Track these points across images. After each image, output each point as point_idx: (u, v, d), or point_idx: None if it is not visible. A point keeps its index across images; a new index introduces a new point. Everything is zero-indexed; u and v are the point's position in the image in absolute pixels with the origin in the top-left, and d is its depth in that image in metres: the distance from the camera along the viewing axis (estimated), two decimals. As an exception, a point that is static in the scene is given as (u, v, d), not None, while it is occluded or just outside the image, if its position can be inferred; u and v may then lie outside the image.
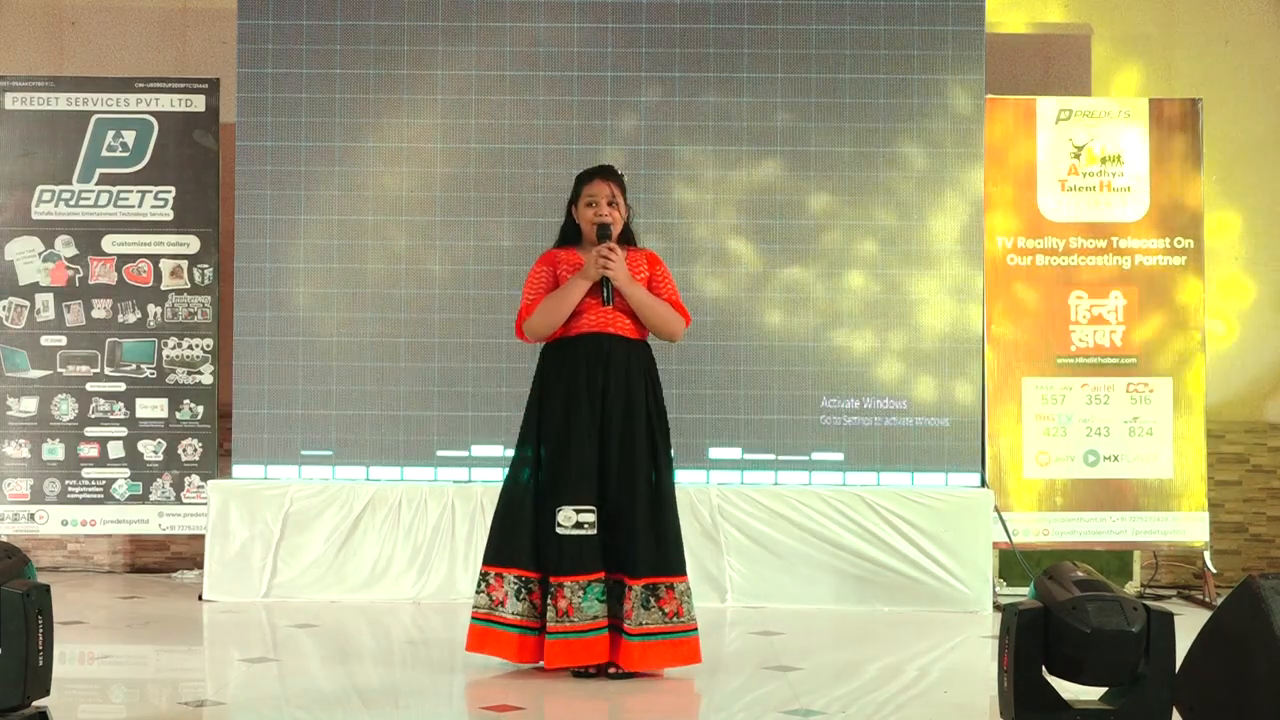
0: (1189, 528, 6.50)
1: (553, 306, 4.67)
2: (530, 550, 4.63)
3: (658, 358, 4.83)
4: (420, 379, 6.47)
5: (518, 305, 4.81)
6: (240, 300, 6.53)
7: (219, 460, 6.77)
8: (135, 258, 6.82)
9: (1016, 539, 6.39)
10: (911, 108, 6.48)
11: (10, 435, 6.76)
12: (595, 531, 4.57)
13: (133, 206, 6.82)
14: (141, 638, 5.51)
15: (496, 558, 4.68)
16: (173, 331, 6.81)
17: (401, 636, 5.51)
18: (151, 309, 6.81)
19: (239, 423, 6.48)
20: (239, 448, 6.48)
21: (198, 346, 6.81)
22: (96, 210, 6.82)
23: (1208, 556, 6.59)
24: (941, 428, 6.43)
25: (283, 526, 6.29)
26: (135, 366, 6.80)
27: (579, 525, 4.55)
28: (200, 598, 6.30)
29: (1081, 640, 3.41)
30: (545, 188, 6.39)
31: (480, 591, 4.69)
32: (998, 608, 5.96)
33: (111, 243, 6.82)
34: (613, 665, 4.59)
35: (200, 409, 6.79)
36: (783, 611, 6.10)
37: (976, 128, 6.49)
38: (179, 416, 6.79)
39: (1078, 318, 6.58)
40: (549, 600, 4.54)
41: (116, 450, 6.77)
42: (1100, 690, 3.62)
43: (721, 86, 6.50)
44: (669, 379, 5.24)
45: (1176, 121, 6.62)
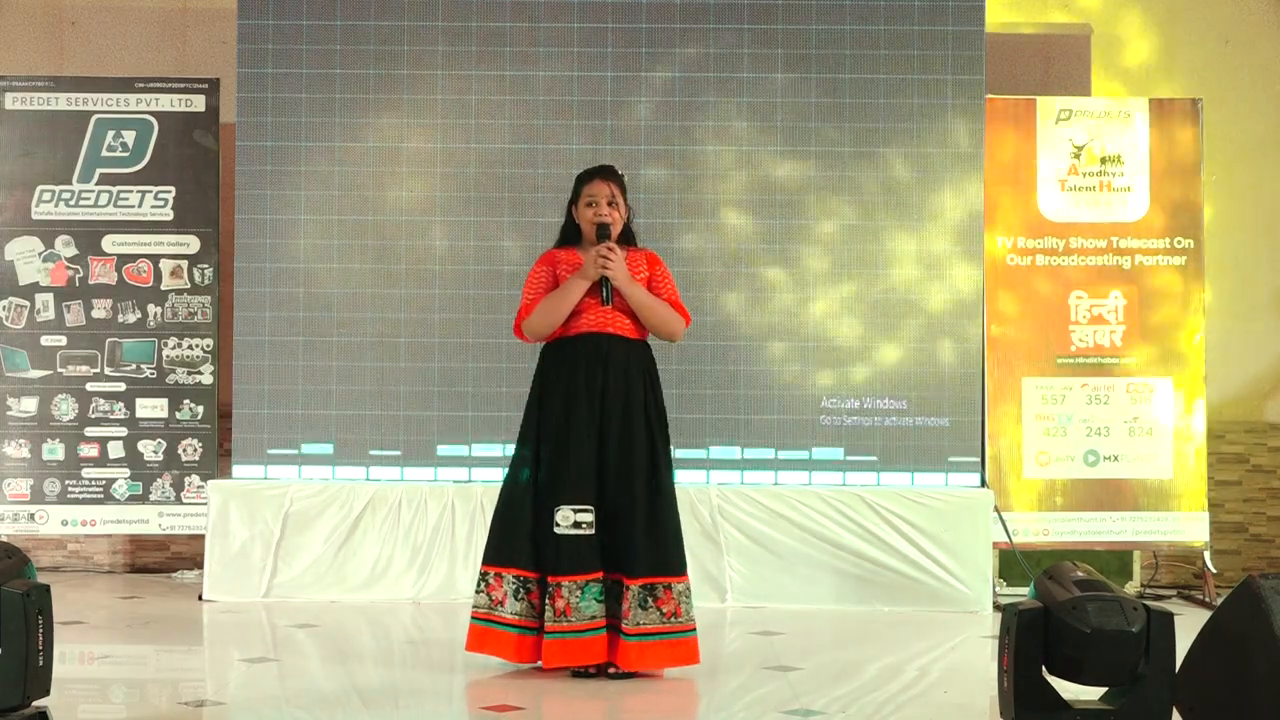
0: (1189, 528, 6.50)
1: (552, 306, 4.67)
2: (529, 550, 4.62)
3: (657, 358, 4.82)
4: (420, 379, 6.47)
5: (518, 305, 4.81)
6: (240, 300, 6.53)
7: (219, 460, 6.77)
8: (135, 258, 6.82)
9: (1016, 539, 6.39)
10: (911, 108, 6.48)
11: (10, 435, 6.76)
12: (593, 531, 4.56)
13: (133, 206, 6.82)
14: (141, 638, 5.51)
15: (496, 557, 4.68)
16: (173, 331, 6.81)
17: (401, 636, 5.51)
18: (151, 309, 6.81)
19: (239, 423, 6.48)
20: (239, 448, 6.48)
21: (198, 346, 6.81)
22: (96, 210, 6.82)
23: (1208, 556, 6.59)
24: (941, 428, 6.43)
25: (283, 526, 6.30)
26: (135, 366, 6.80)
27: (577, 525, 4.55)
28: (200, 598, 6.30)
29: (1081, 640, 3.40)
30: (545, 188, 6.39)
31: (480, 591, 4.69)
32: (998, 608, 5.96)
33: (111, 243, 6.82)
34: (612, 665, 4.59)
35: (200, 409, 6.79)
36: (783, 611, 6.10)
37: (976, 127, 6.49)
38: (179, 416, 6.79)
39: (1078, 318, 6.57)
40: (547, 600, 4.54)
41: (116, 450, 6.78)
42: (1100, 690, 3.62)
43: (721, 86, 6.50)
44: (669, 379, 5.24)
45: (1176, 121, 6.62)
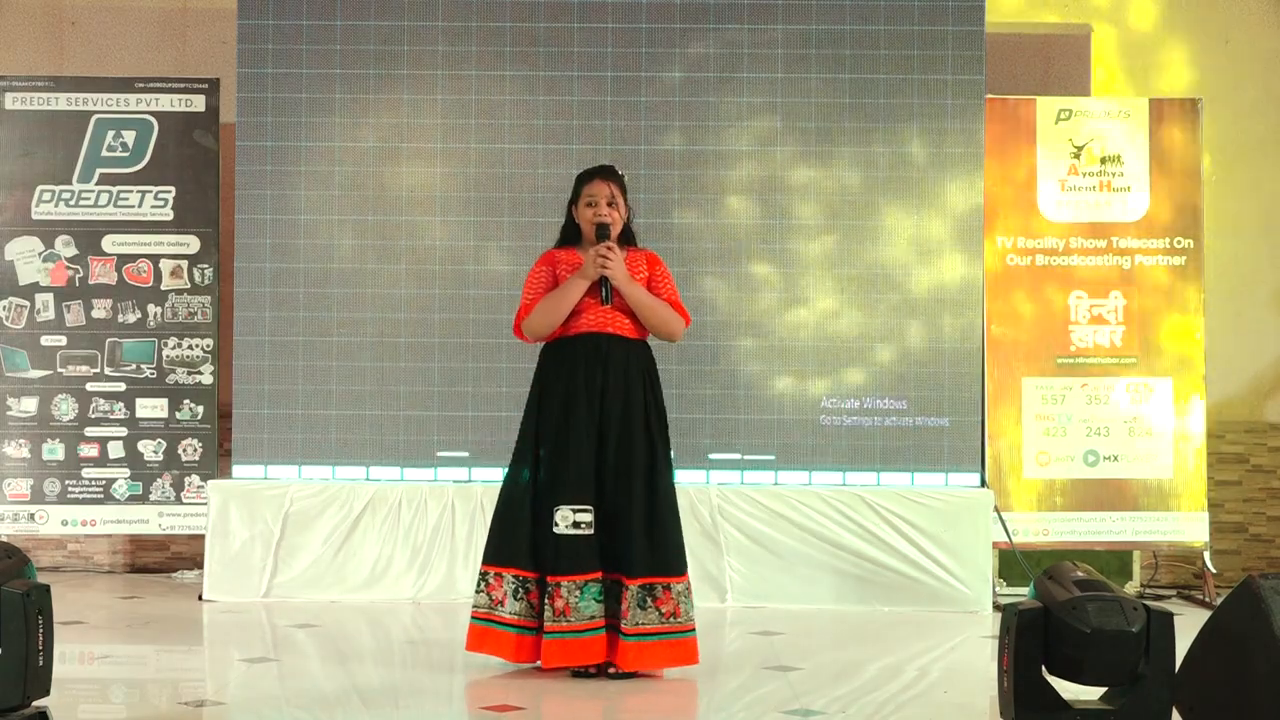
0: (1189, 528, 6.50)
1: (551, 306, 4.67)
2: (528, 550, 4.62)
3: (657, 358, 4.82)
4: (420, 379, 6.47)
5: (517, 305, 4.81)
6: (240, 300, 6.53)
7: (219, 460, 6.77)
8: (135, 258, 6.82)
9: (1016, 539, 6.39)
10: (911, 108, 6.48)
11: (10, 435, 6.76)
12: (592, 531, 4.56)
13: (133, 206, 6.82)
14: (141, 638, 5.51)
15: (496, 557, 4.68)
16: (173, 331, 6.81)
17: (401, 636, 5.51)
18: (151, 309, 6.81)
19: (239, 423, 6.48)
20: (239, 448, 6.48)
21: (198, 346, 6.81)
22: (96, 210, 6.82)
23: (1207, 556, 6.59)
24: (941, 428, 6.43)
25: (283, 526, 6.29)
26: (135, 366, 6.80)
27: (576, 525, 4.55)
28: (200, 598, 6.30)
29: (1081, 640, 3.40)
30: (545, 188, 6.39)
31: (480, 591, 4.69)
32: (998, 608, 5.96)
33: (111, 243, 6.82)
34: (612, 665, 4.59)
35: (200, 409, 6.79)
36: (783, 611, 6.10)
37: (976, 128, 6.49)
38: (179, 416, 6.79)
39: (1078, 318, 6.57)
40: (546, 600, 4.54)
41: (116, 450, 6.78)
42: (1100, 690, 3.62)
43: (721, 86, 6.50)
44: (669, 379, 5.24)
45: (1176, 121, 6.62)
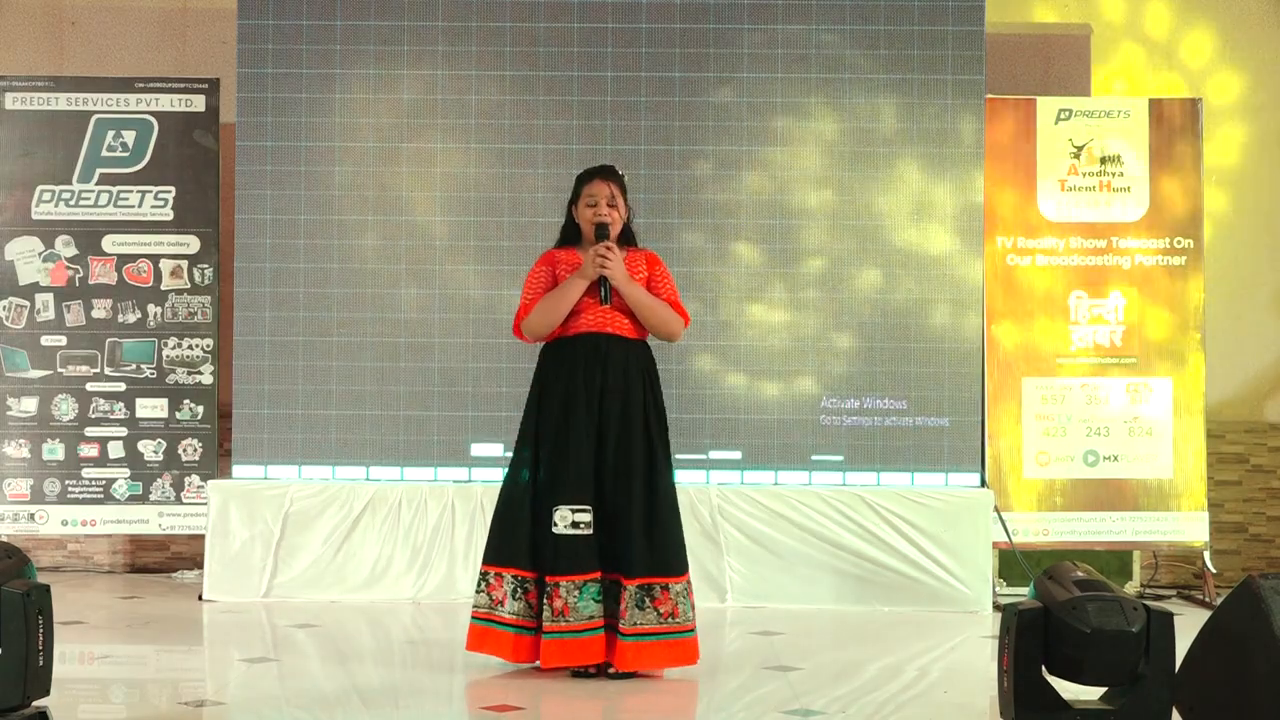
0: (1189, 528, 6.50)
1: (550, 306, 4.67)
2: (527, 550, 4.62)
3: (657, 358, 4.82)
4: (420, 379, 6.47)
5: (517, 305, 4.81)
6: (240, 300, 6.53)
7: (219, 460, 6.77)
8: (135, 258, 6.82)
9: (1016, 539, 6.39)
10: (911, 108, 6.48)
11: (10, 435, 6.76)
12: (592, 531, 4.56)
13: (133, 206, 6.82)
14: (141, 638, 5.51)
15: (496, 557, 4.68)
16: (173, 331, 6.81)
17: (401, 636, 5.51)
18: (151, 309, 6.81)
19: (239, 423, 6.48)
20: (239, 448, 6.48)
21: (198, 346, 6.81)
22: (96, 210, 6.82)
23: (1207, 556, 6.59)
24: (941, 428, 6.43)
25: (283, 526, 6.29)
26: (135, 366, 6.80)
27: (575, 525, 4.55)
28: (200, 598, 6.30)
29: (1081, 640, 3.40)
30: (545, 188, 6.39)
31: (480, 591, 4.69)
32: (998, 608, 5.96)
33: (111, 243, 6.82)
34: (611, 665, 4.59)
35: (200, 409, 6.79)
36: (783, 611, 6.10)
37: (976, 128, 6.49)
38: (179, 416, 6.79)
39: (1078, 318, 6.58)
40: (545, 600, 4.54)
41: (116, 450, 6.77)
42: (1100, 690, 3.62)
43: (721, 86, 6.50)
44: (669, 379, 5.24)
45: (1176, 121, 6.62)
